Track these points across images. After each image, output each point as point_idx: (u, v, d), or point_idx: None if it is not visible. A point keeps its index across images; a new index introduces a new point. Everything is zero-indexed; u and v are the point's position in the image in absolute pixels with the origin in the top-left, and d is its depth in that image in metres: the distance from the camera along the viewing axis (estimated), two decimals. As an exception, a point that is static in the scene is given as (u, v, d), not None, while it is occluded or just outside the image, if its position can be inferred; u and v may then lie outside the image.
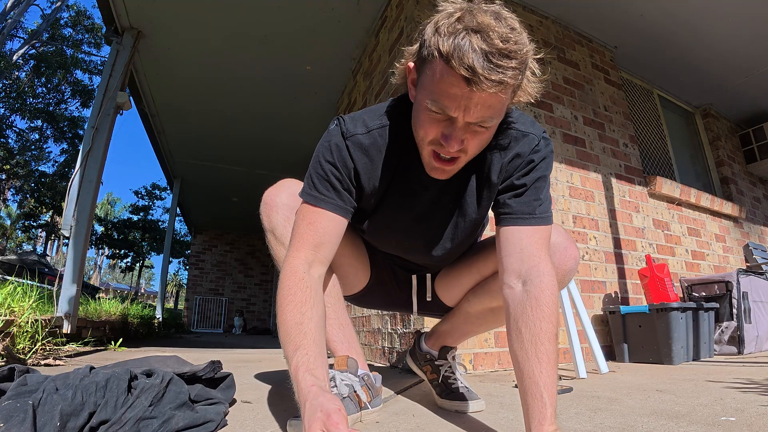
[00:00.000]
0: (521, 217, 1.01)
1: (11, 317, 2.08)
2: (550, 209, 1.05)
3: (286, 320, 0.91)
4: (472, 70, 0.78)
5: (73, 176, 3.23)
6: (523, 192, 1.03)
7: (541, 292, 0.92)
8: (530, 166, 1.04)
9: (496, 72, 0.78)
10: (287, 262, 0.99)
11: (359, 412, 1.10)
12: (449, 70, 0.81)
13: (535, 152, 1.05)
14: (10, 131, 17.92)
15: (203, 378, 1.21)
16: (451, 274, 1.34)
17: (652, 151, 4.31)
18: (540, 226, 1.01)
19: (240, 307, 11.75)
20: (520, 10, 3.34)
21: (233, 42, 4.00)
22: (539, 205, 1.02)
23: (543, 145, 1.06)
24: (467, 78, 0.79)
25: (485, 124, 0.87)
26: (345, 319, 1.23)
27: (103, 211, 35.45)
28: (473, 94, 0.81)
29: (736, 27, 3.67)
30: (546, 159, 1.06)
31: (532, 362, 0.86)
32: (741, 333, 3.01)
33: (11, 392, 0.87)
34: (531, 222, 1.01)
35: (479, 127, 0.88)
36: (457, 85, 0.81)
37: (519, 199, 1.03)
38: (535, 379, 0.84)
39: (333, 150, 1.04)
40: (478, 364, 2.31)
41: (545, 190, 1.05)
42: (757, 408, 1.26)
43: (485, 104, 0.83)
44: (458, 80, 0.80)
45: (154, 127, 5.74)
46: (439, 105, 0.85)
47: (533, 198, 1.03)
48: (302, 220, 1.02)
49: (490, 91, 0.80)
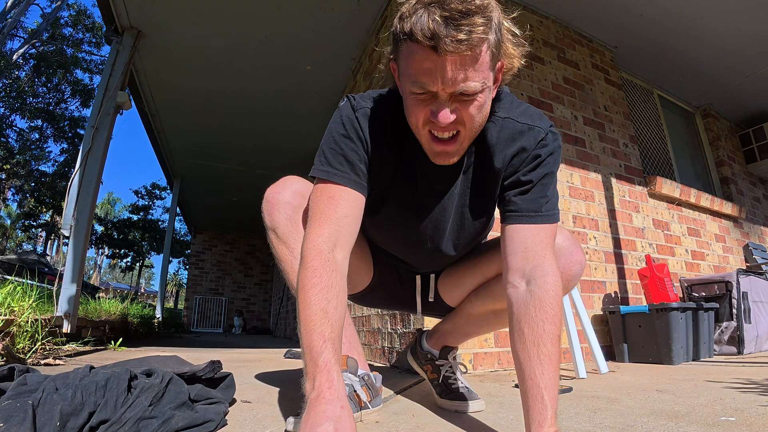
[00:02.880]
0: (527, 215, 0.99)
1: (11, 317, 2.08)
2: (556, 207, 1.03)
3: (310, 304, 0.84)
4: (434, 36, 0.78)
5: (73, 176, 3.22)
6: (530, 189, 1.01)
7: (545, 293, 0.91)
8: (537, 161, 1.02)
9: (459, 31, 0.78)
10: (309, 239, 0.92)
11: (359, 411, 1.10)
12: (416, 46, 0.82)
13: (542, 147, 1.02)
14: (11, 131, 17.92)
15: (203, 378, 1.21)
16: (454, 275, 1.33)
17: (652, 151, 4.31)
18: (546, 225, 0.99)
19: (240, 306, 11.75)
20: (520, 10, 3.33)
21: (233, 42, 4.00)
22: (546, 202, 1.00)
23: (551, 139, 1.04)
24: (433, 46, 0.79)
25: (469, 91, 0.85)
26: (347, 318, 1.23)
27: (103, 210, 35.47)
28: (444, 61, 0.81)
29: (737, 27, 3.67)
30: (553, 154, 1.03)
31: (534, 363, 0.85)
32: (741, 333, 3.01)
33: (11, 392, 0.87)
34: (536, 220, 0.99)
35: (465, 96, 0.86)
36: (427, 57, 0.82)
37: (525, 196, 1.01)
38: (537, 381, 0.83)
39: (345, 123, 1.03)
40: (478, 363, 2.31)
41: (552, 186, 1.03)
42: (756, 408, 1.26)
43: (460, 68, 0.82)
44: (426, 52, 0.81)
45: (154, 127, 5.74)
46: (419, 84, 0.86)
47: (540, 195, 1.00)
48: (321, 196, 0.97)
49: (459, 52, 0.80)
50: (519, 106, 1.07)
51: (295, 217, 1.13)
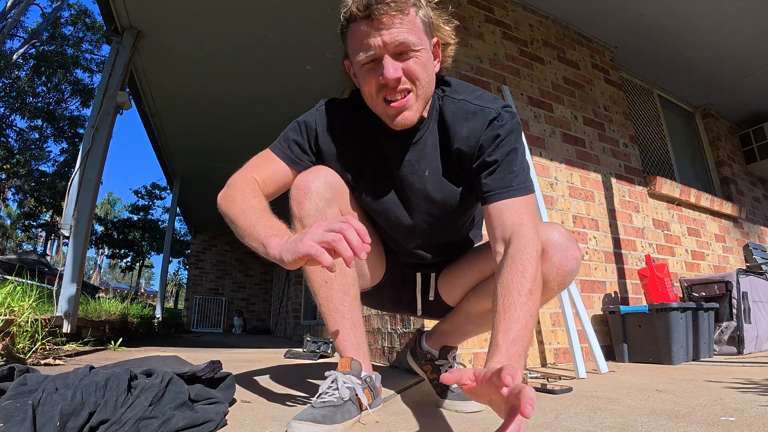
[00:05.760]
0: (498, 192, 1.05)
1: (11, 317, 2.08)
2: (527, 179, 1.07)
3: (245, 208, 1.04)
4: (367, 6, 0.94)
5: (73, 176, 3.22)
6: (496, 168, 1.07)
7: (518, 252, 0.94)
8: (497, 141, 1.08)
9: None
10: (241, 175, 1.14)
11: (359, 413, 1.09)
12: (354, 24, 0.99)
13: (499, 127, 1.09)
14: (10, 130, 17.92)
15: (203, 378, 1.21)
16: (452, 273, 1.35)
17: (652, 151, 4.31)
18: (519, 197, 1.04)
19: (240, 306, 11.73)
20: (520, 10, 3.34)
21: (233, 42, 4.00)
22: (514, 177, 1.06)
23: (507, 118, 1.10)
24: (366, 15, 0.95)
25: (407, 44, 0.98)
26: (358, 319, 1.21)
27: (103, 210, 35.46)
28: (378, 23, 0.96)
29: (737, 27, 3.67)
30: (513, 132, 1.09)
31: (498, 315, 0.86)
32: (741, 333, 3.01)
33: (11, 392, 0.87)
34: (508, 195, 1.04)
35: (405, 53, 0.99)
36: (364, 26, 0.97)
37: (493, 176, 1.07)
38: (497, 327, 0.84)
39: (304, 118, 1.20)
40: (478, 363, 2.31)
41: (518, 161, 1.08)
42: (756, 408, 1.26)
43: (395, 27, 0.96)
44: (363, 22, 0.97)
45: (154, 127, 5.73)
46: (363, 53, 1.00)
47: (507, 172, 1.06)
48: (262, 156, 1.20)
49: (388, 12, 0.95)
50: (474, 91, 1.16)
51: (326, 210, 1.13)
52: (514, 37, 3.21)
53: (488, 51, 3.02)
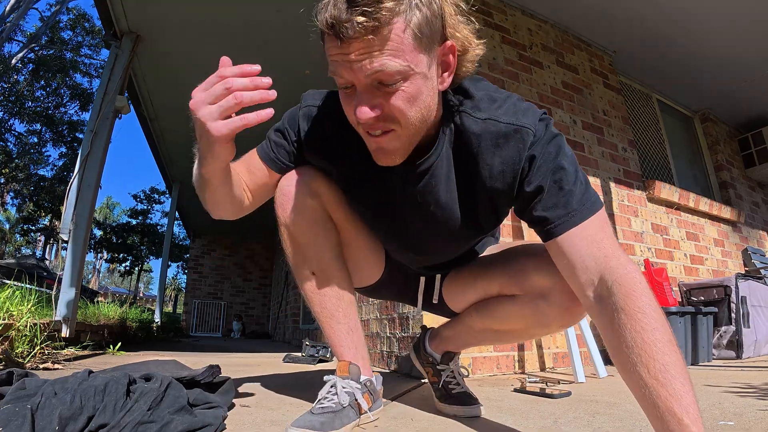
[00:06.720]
0: (559, 224, 0.84)
1: (10, 321, 2.07)
2: (589, 193, 0.86)
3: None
4: (334, 24, 0.73)
5: (71, 180, 3.22)
6: (543, 196, 0.86)
7: (628, 299, 0.75)
8: (535, 164, 0.87)
9: (358, 14, 0.70)
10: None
11: (358, 418, 1.09)
12: (326, 38, 0.79)
13: (533, 145, 0.88)
14: (9, 135, 17.93)
15: (202, 382, 1.21)
16: (457, 281, 1.28)
17: (651, 155, 4.32)
18: (586, 220, 0.84)
19: (239, 311, 11.71)
20: (519, 14, 3.35)
21: (232, 46, 4.01)
22: (571, 197, 0.85)
23: (541, 132, 0.88)
24: (335, 33, 0.74)
25: (385, 78, 0.76)
26: (355, 323, 1.19)
27: (101, 214, 35.42)
28: (348, 47, 0.74)
29: (736, 32, 3.69)
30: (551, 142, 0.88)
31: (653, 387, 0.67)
32: (739, 337, 3.01)
33: (10, 396, 0.87)
34: (572, 221, 0.84)
35: (385, 86, 0.78)
36: (334, 45, 0.76)
37: (544, 203, 0.86)
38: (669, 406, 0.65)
39: (286, 119, 1.12)
40: (476, 368, 2.30)
41: (570, 176, 0.86)
42: (755, 412, 1.26)
43: (365, 53, 0.74)
44: (333, 41, 0.76)
45: (153, 131, 5.74)
46: (336, 74, 0.81)
47: (560, 195, 0.85)
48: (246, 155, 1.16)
49: (359, 36, 0.72)
50: (500, 101, 0.93)
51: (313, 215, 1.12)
52: (513, 42, 3.22)
53: (487, 55, 3.03)
